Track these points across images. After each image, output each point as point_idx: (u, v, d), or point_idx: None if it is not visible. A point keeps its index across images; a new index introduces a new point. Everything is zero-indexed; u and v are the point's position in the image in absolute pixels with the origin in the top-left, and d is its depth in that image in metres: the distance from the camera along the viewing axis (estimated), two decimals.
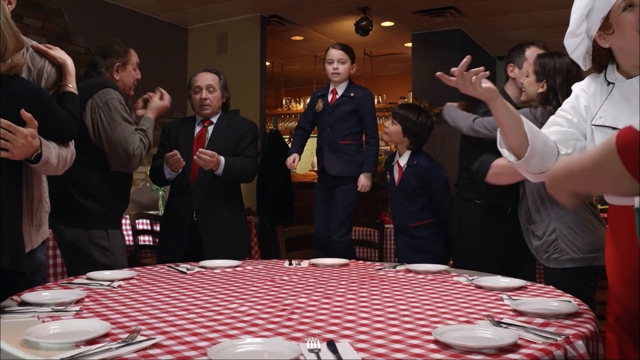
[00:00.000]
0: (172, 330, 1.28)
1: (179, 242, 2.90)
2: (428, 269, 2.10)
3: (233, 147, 2.97)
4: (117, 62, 2.62)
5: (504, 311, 1.46)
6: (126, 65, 2.65)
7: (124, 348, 1.11)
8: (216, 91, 3.01)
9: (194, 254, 2.80)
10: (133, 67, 2.69)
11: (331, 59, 3.32)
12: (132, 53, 2.69)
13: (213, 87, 3.00)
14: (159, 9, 5.89)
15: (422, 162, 2.95)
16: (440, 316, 1.41)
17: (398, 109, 3.05)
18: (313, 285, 1.85)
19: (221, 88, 3.04)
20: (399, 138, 3.02)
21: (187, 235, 2.90)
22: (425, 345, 1.15)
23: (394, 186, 3.02)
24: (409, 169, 2.96)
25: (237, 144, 2.99)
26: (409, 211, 2.97)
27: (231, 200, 3.01)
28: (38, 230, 2.02)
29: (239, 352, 1.07)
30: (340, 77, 3.32)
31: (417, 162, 2.95)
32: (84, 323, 1.30)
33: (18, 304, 1.54)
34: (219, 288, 1.80)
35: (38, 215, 2.02)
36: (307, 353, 1.08)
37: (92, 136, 2.45)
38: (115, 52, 2.63)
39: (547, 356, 1.09)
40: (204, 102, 2.98)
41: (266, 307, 1.52)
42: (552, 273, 2.28)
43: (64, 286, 1.81)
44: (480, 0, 5.67)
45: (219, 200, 2.94)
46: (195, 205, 2.91)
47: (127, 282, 1.91)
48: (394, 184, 3.02)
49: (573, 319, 1.37)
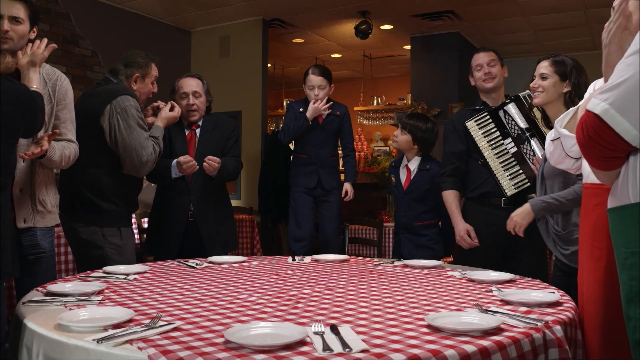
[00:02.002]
0: (189, 316, 1.40)
1: (175, 238, 3.04)
2: (424, 264, 2.23)
3: (220, 147, 3.17)
4: (137, 73, 2.72)
5: (491, 301, 1.59)
6: (145, 77, 2.76)
7: (148, 331, 1.24)
8: (201, 96, 3.14)
9: (190, 250, 3.00)
10: (151, 80, 2.79)
11: (312, 85, 3.47)
12: (153, 67, 2.79)
13: (198, 92, 3.13)
14: (163, 12, 6.01)
15: (434, 168, 3.19)
16: (433, 305, 1.54)
17: (407, 119, 3.25)
18: (316, 278, 1.98)
19: (205, 93, 3.17)
20: (409, 146, 3.25)
21: (183, 231, 3.05)
22: (419, 329, 1.28)
23: (401, 188, 3.20)
24: (421, 173, 3.19)
25: (223, 145, 3.19)
26: (417, 211, 3.18)
27: (220, 195, 3.23)
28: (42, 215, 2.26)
29: (252, 334, 1.20)
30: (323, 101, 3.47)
31: (429, 167, 3.18)
32: (108, 310, 1.43)
33: (44, 294, 1.67)
34: (228, 281, 1.93)
35: (41, 197, 2.25)
36: (313, 335, 1.21)
37: (108, 140, 2.56)
38: (137, 63, 2.73)
39: (527, 338, 1.22)
40: (191, 107, 3.10)
41: (273, 297, 1.65)
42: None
43: (83, 279, 1.94)
44: (477, 5, 5.80)
45: (213, 197, 3.14)
46: (193, 203, 3.07)
47: (141, 275, 2.04)
48: (401, 186, 3.20)
49: (554, 307, 1.50)
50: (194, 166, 2.93)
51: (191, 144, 3.13)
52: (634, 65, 1.13)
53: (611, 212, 1.28)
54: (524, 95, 2.79)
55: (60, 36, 5.16)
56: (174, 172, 3.00)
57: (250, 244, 4.94)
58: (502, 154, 2.80)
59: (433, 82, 6.76)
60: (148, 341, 1.17)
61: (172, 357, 1.07)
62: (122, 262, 2.50)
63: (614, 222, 1.26)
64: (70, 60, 5.23)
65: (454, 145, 2.91)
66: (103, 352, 1.14)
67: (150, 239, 3.24)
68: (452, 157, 2.91)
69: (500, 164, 2.79)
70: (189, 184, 3.08)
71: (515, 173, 2.76)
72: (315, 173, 3.47)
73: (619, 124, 1.13)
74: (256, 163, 5.98)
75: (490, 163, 2.80)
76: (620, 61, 1.18)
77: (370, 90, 8.72)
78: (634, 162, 1.19)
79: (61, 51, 5.12)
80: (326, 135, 3.50)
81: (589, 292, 1.59)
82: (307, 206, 3.51)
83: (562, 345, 1.29)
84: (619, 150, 1.18)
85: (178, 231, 3.06)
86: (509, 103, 2.81)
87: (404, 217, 3.18)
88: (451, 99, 6.60)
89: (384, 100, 8.49)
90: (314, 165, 3.47)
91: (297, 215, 3.52)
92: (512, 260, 2.78)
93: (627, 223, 1.21)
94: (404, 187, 3.20)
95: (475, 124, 2.86)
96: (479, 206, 2.85)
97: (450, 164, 2.91)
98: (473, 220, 2.84)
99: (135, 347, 1.14)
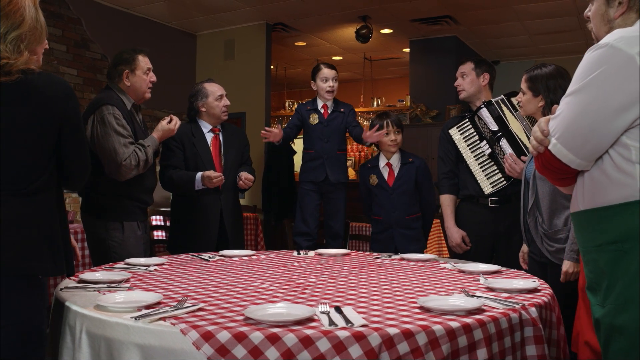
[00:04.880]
0: (210, 299, 1.60)
1: (211, 237, 3.24)
2: (419, 257, 2.43)
3: (240, 154, 3.44)
4: (125, 70, 2.84)
5: (478, 288, 1.78)
6: (135, 70, 2.85)
7: (176, 311, 1.43)
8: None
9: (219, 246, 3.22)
10: (143, 72, 2.87)
11: (326, 77, 3.64)
12: (140, 59, 2.87)
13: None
14: (170, 16, 6.21)
15: (416, 159, 3.35)
16: (426, 291, 1.73)
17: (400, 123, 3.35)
18: (320, 269, 2.17)
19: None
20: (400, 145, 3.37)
21: (217, 230, 3.26)
22: (412, 310, 1.47)
23: (386, 186, 3.31)
24: (405, 167, 3.30)
25: (242, 152, 3.46)
26: (406, 205, 3.30)
27: (237, 197, 3.48)
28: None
29: (269, 313, 1.39)
30: (334, 94, 3.66)
31: (412, 160, 3.33)
32: (139, 294, 1.62)
33: (77, 282, 1.86)
34: (240, 271, 2.12)
35: None
36: (320, 314, 1.40)
37: (91, 147, 2.68)
38: (123, 60, 2.86)
39: (504, 317, 1.42)
40: (227, 109, 3.37)
41: (283, 284, 1.84)
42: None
43: (108, 269, 2.14)
44: (474, 10, 5.99)
45: (235, 199, 3.41)
46: (222, 205, 3.29)
47: (160, 267, 2.23)
48: (386, 184, 3.31)
49: (533, 293, 1.69)
50: (222, 180, 3.16)
51: (216, 148, 3.34)
52: (572, 104, 1.37)
53: (572, 216, 1.50)
54: (496, 100, 2.99)
55: (72, 40, 5.36)
56: (197, 185, 3.17)
57: (255, 240, 5.15)
58: (480, 156, 3.01)
59: (431, 84, 6.96)
60: (178, 319, 1.36)
61: (200, 331, 1.26)
62: (123, 254, 2.64)
63: (575, 226, 1.49)
64: (81, 63, 5.44)
65: (446, 150, 3.13)
66: (140, 328, 1.33)
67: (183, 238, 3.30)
68: (446, 160, 3.13)
69: (479, 165, 2.99)
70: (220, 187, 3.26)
71: (492, 173, 2.95)
72: (322, 167, 3.63)
73: (565, 156, 1.39)
74: (260, 163, 6.17)
75: (470, 165, 3.01)
76: (564, 97, 1.42)
77: (370, 91, 8.92)
78: (581, 179, 1.43)
79: (72, 55, 5.32)
80: (331, 130, 3.66)
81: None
82: (313, 204, 3.68)
83: (536, 324, 1.48)
84: (568, 172, 1.44)
85: (213, 230, 3.24)
86: (482, 108, 3.01)
87: (395, 212, 3.27)
88: (449, 101, 6.79)
89: (383, 102, 8.69)
90: (320, 159, 3.64)
91: (303, 212, 3.70)
92: (500, 255, 2.98)
93: (580, 226, 1.44)
94: (390, 184, 3.30)
95: (457, 130, 3.09)
96: (469, 206, 3.05)
97: (444, 166, 3.13)
98: (464, 220, 3.05)
99: (168, 323, 1.33)
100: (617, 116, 1.30)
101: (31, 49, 1.62)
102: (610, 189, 1.33)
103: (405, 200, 3.28)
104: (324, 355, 1.21)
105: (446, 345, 1.29)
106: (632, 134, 1.30)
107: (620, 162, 1.31)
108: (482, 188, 2.96)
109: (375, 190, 3.34)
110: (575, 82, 1.38)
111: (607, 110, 1.30)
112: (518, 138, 2.84)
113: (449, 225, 3.06)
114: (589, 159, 1.37)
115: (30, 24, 1.61)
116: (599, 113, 1.32)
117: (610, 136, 1.32)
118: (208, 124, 3.36)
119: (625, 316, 1.29)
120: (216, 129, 3.37)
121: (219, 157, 3.32)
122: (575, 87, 1.37)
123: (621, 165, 1.31)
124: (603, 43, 1.34)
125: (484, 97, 3.07)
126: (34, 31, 1.63)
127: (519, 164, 2.71)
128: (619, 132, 1.31)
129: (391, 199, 3.28)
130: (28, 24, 1.60)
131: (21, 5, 1.59)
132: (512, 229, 2.83)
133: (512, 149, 2.84)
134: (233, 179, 3.31)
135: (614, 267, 1.32)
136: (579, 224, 1.45)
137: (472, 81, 3.06)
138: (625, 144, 1.31)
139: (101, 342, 1.39)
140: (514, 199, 2.85)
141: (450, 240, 3.06)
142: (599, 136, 1.33)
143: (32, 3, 1.64)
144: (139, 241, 2.79)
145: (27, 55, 1.61)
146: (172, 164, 3.25)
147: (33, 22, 1.62)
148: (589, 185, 1.39)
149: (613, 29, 1.42)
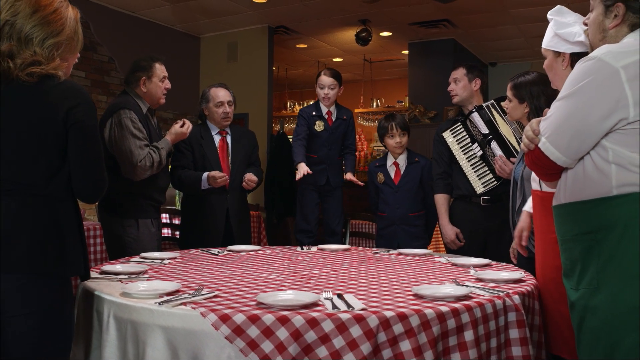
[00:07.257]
0: (223, 288, 1.76)
1: (218, 235, 3.39)
2: (415, 252, 2.59)
3: (248, 155, 3.59)
4: (143, 76, 3.00)
5: (468, 278, 1.95)
6: (152, 78, 3.01)
7: (195, 297, 1.59)
8: (232, 105, 3.53)
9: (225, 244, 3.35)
10: (159, 79, 3.03)
11: (322, 85, 3.79)
12: (157, 67, 3.04)
13: (231, 101, 3.52)
14: (174, 19, 6.36)
15: (421, 159, 3.52)
16: (420, 281, 1.90)
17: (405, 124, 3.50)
18: (323, 262, 2.34)
19: (234, 102, 3.56)
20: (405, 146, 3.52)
21: (223, 228, 3.42)
22: (407, 297, 1.63)
23: (392, 184, 3.48)
24: (411, 166, 3.48)
25: (250, 154, 3.61)
26: (410, 202, 3.45)
27: (244, 197, 3.62)
28: None
29: (279, 298, 1.55)
30: (329, 101, 3.81)
31: (418, 160, 3.50)
32: (159, 283, 1.78)
33: (99, 273, 2.02)
34: (249, 264, 2.29)
35: None
36: (324, 300, 1.56)
37: (109, 148, 2.86)
38: (141, 67, 3.02)
39: (489, 303, 1.58)
40: (227, 115, 3.48)
41: (289, 276, 2.01)
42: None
43: (125, 263, 2.30)
44: (471, 14, 6.14)
45: (242, 199, 3.56)
46: (229, 205, 3.44)
47: (173, 260, 2.39)
48: (392, 182, 3.48)
49: (518, 283, 1.86)
50: (227, 180, 3.32)
51: (223, 149, 3.49)
52: (561, 108, 1.53)
53: (554, 209, 1.65)
54: (486, 105, 3.14)
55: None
56: (203, 185, 3.33)
57: (258, 237, 5.31)
58: (471, 158, 3.17)
59: (430, 86, 7.12)
60: (197, 304, 1.52)
61: (218, 314, 1.42)
62: (138, 249, 2.79)
63: (555, 217, 1.64)
64: (89, 66, 5.59)
65: (440, 152, 3.29)
66: (164, 312, 1.49)
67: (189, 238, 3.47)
68: (440, 162, 3.29)
69: (471, 166, 3.15)
70: (227, 187, 3.42)
71: (483, 173, 3.11)
72: (324, 172, 3.80)
73: (552, 154, 1.55)
74: (262, 163, 6.32)
75: (463, 166, 3.17)
76: (555, 101, 1.58)
77: (370, 92, 9.07)
78: (564, 175, 1.59)
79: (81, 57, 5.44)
80: (335, 137, 3.83)
81: (550, 274, 1.95)
82: (313, 202, 3.85)
83: (519, 309, 1.64)
84: (555, 169, 1.59)
85: (219, 229, 3.40)
86: (473, 113, 3.16)
87: (399, 209, 3.43)
88: (447, 102, 6.91)
89: (383, 103, 8.86)
90: (323, 164, 3.79)
91: (303, 211, 3.86)
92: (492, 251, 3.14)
93: (561, 218, 1.60)
94: (395, 182, 3.47)
95: (450, 133, 3.25)
96: (462, 204, 3.22)
97: (439, 167, 3.29)
98: (458, 218, 3.21)
99: (189, 308, 1.49)
100: (600, 121, 1.46)
101: (64, 57, 1.74)
102: (589, 185, 1.49)
103: (410, 198, 3.44)
104: (328, 335, 1.38)
105: (436, 327, 1.45)
106: (611, 137, 1.46)
107: (599, 161, 1.48)
108: (474, 188, 3.12)
109: (382, 187, 3.51)
110: (566, 89, 1.54)
111: (591, 115, 1.47)
112: (507, 141, 3.01)
113: (443, 223, 3.22)
114: (573, 158, 1.53)
115: (69, 35, 1.73)
116: (584, 117, 1.48)
117: (593, 138, 1.48)
118: (215, 126, 3.51)
119: (599, 297, 1.45)
120: (223, 132, 3.52)
121: (226, 158, 3.48)
122: (566, 92, 1.53)
123: (599, 165, 1.47)
124: (592, 56, 1.50)
125: (475, 101, 3.23)
126: (71, 42, 1.74)
127: (509, 165, 2.88)
128: (600, 135, 1.47)
129: (396, 196, 3.44)
130: (67, 34, 1.72)
131: (64, 16, 1.72)
132: (503, 226, 2.98)
133: (502, 151, 3.00)
134: (240, 179, 3.46)
135: (587, 255, 1.49)
136: (559, 215, 1.61)
137: (465, 86, 3.21)
138: (604, 146, 1.47)
139: (127, 325, 1.55)
140: (504, 198, 3.00)
141: (445, 237, 3.23)
142: (583, 138, 1.49)
143: (74, 16, 1.76)
144: (152, 237, 2.94)
145: (59, 62, 1.71)
146: (181, 164, 3.41)
147: (71, 34, 1.74)
148: (571, 181, 1.56)
149: (606, 39, 1.59)
